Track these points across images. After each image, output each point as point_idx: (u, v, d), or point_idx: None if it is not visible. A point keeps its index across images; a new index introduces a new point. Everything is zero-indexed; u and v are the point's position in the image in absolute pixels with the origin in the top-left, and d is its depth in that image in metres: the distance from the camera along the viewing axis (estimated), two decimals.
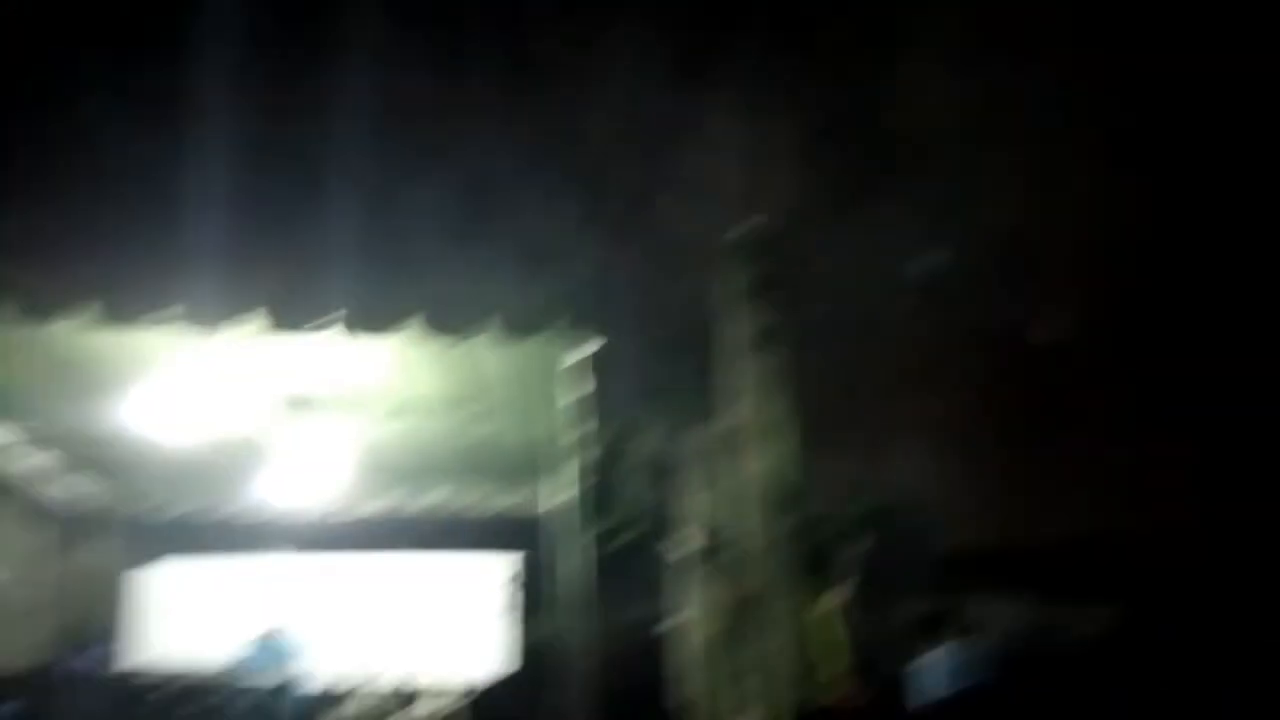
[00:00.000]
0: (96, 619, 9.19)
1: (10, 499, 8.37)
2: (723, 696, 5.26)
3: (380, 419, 7.54)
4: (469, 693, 5.96)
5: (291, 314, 4.39)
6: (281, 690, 7.74)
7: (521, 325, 4.39)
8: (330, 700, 8.44)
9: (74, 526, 9.38)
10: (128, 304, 4.15)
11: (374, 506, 9.57)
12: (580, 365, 4.81)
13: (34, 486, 8.12)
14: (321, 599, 9.48)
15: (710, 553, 5.14)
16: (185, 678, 7.62)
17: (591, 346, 4.61)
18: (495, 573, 9.99)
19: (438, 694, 8.56)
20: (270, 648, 8.30)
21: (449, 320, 4.44)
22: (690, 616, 5.57)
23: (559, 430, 6.62)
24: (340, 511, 9.44)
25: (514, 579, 9.81)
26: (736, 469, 5.20)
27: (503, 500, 9.66)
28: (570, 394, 5.32)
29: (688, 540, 3.50)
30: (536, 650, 9.16)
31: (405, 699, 5.24)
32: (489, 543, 10.19)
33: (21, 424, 7.45)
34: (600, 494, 5.37)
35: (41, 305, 4.22)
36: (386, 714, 4.69)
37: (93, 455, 8.59)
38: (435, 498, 9.65)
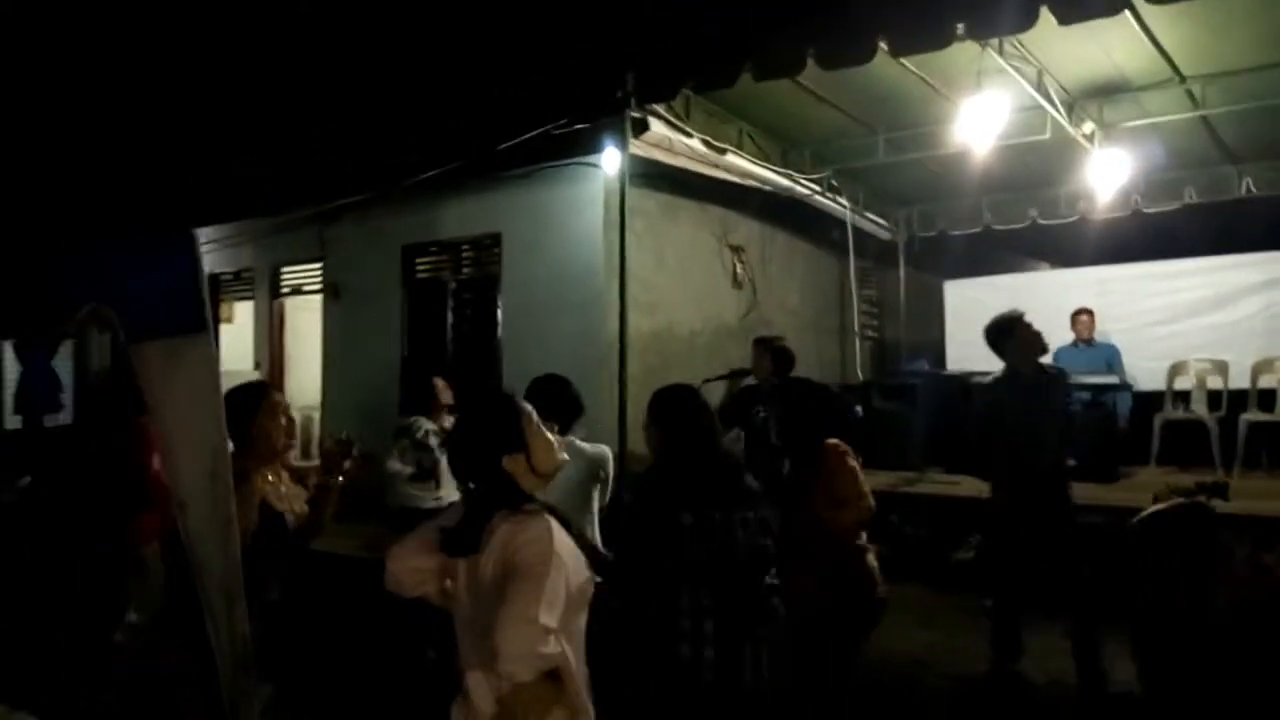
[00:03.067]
0: (918, 331, 10.19)
1: (824, 232, 9.61)
2: None
3: (1195, 98, 6.62)
4: None
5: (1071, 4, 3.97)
6: (1112, 389, 7.61)
7: None
8: (1154, 403, 8.08)
9: (881, 252, 10.43)
10: (905, 36, 4.22)
11: (1182, 201, 8.60)
12: None
13: (846, 218, 9.15)
14: (1127, 305, 8.96)
15: None
16: None
17: None
18: None
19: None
20: (1087, 352, 8.23)
21: None
22: None
23: None
24: (1143, 210, 8.71)
25: None
26: None
27: None
28: None
29: None
30: None
31: (1216, 488, 4.55)
32: None
33: (831, 166, 8.39)
34: None
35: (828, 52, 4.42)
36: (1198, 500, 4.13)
37: (892, 187, 9.32)
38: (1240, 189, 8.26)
